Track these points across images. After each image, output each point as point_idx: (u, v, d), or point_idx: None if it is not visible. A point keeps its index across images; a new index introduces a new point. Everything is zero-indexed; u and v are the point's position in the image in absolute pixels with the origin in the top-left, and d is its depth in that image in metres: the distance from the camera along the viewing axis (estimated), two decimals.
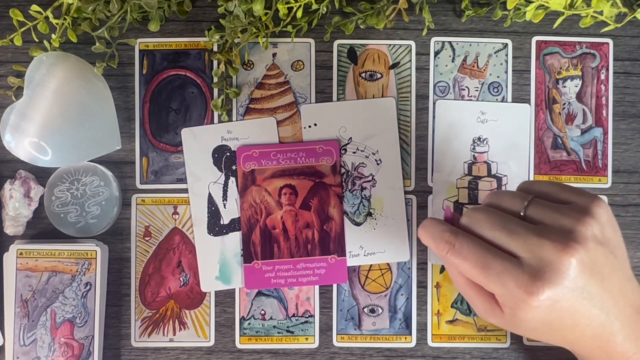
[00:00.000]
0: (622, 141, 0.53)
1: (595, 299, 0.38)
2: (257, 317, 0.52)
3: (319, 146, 0.51)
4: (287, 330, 0.52)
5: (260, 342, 0.52)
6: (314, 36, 0.52)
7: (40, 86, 0.48)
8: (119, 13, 0.49)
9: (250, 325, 0.52)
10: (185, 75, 0.52)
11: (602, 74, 0.53)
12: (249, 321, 0.52)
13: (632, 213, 0.52)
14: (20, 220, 0.51)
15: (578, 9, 0.46)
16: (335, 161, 0.51)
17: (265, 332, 0.52)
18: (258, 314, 0.52)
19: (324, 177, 0.51)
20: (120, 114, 0.52)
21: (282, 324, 0.52)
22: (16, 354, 0.49)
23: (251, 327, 0.52)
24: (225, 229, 0.52)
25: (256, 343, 0.52)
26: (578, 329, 0.39)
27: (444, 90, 0.52)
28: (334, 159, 0.51)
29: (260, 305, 0.52)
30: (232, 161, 0.52)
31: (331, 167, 0.51)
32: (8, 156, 0.50)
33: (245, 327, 0.52)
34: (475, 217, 0.41)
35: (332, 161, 0.51)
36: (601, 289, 0.38)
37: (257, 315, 0.52)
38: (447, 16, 0.53)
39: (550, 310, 0.37)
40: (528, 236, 0.38)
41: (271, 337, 0.52)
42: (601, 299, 0.38)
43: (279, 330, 0.52)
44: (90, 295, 0.50)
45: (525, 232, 0.38)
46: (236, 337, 0.52)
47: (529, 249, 0.38)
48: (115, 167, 0.52)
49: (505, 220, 0.39)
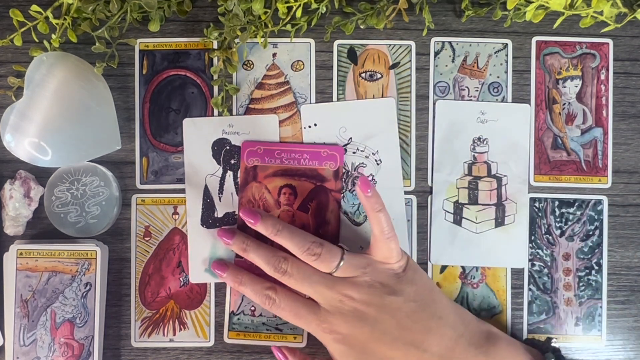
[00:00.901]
0: (622, 141, 0.53)
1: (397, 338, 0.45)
2: (246, 313, 0.52)
3: (324, 150, 0.51)
4: (276, 328, 0.52)
5: (248, 338, 0.52)
6: (314, 36, 0.52)
7: (40, 86, 0.48)
8: (119, 13, 0.49)
9: (239, 321, 0.52)
10: (185, 75, 0.52)
11: (602, 74, 0.53)
12: (239, 316, 0.52)
13: (632, 213, 0.52)
14: (20, 220, 0.51)
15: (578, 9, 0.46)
16: (338, 167, 0.51)
17: (254, 329, 0.52)
18: (248, 309, 0.52)
19: (325, 181, 0.51)
20: (120, 114, 0.52)
21: (272, 321, 0.52)
22: (16, 354, 0.49)
23: (240, 322, 0.52)
24: (219, 222, 0.52)
25: (244, 339, 0.52)
26: None
27: (444, 91, 0.52)
28: (337, 164, 0.51)
29: (251, 302, 0.52)
30: (231, 155, 0.52)
31: (333, 172, 0.51)
32: (8, 156, 0.50)
33: (234, 322, 0.52)
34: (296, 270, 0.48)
35: (335, 166, 0.51)
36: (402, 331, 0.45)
37: (246, 311, 0.52)
38: (447, 16, 0.53)
39: (341, 344, 0.46)
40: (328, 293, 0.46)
41: (259, 334, 0.52)
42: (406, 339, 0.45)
43: (268, 328, 0.52)
44: (90, 295, 0.50)
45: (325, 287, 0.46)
46: (225, 332, 0.52)
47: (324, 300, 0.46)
48: (115, 167, 0.52)
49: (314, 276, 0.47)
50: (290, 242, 0.47)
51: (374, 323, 0.45)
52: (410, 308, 0.45)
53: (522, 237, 0.52)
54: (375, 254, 0.47)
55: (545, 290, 0.52)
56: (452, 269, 0.52)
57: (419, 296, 0.46)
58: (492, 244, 0.52)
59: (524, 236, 0.52)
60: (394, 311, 0.45)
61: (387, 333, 0.45)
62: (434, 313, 0.46)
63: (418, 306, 0.46)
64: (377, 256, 0.47)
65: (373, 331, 0.45)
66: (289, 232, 0.47)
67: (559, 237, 0.52)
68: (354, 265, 0.46)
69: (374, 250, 0.47)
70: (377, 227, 0.46)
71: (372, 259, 0.47)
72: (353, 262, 0.47)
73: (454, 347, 0.45)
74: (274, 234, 0.47)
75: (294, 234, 0.47)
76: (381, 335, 0.45)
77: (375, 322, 0.45)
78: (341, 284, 0.46)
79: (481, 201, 0.52)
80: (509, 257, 0.52)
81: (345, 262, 0.46)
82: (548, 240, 0.52)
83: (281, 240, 0.47)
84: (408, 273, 0.47)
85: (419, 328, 0.45)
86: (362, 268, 0.46)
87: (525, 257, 0.52)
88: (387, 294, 0.45)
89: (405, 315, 0.45)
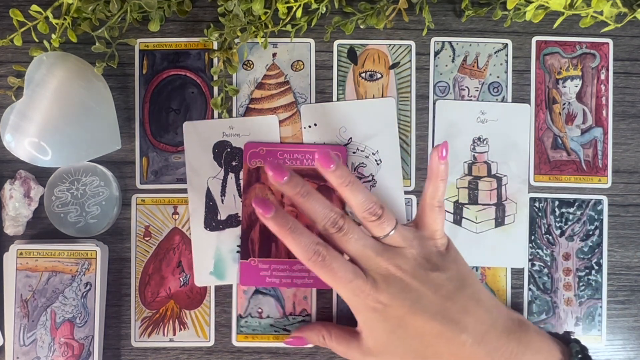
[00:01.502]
0: (622, 141, 0.53)
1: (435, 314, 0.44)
2: (254, 315, 0.52)
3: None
4: (284, 329, 0.52)
5: (257, 340, 0.52)
6: (314, 36, 0.52)
7: (40, 86, 0.48)
8: (119, 13, 0.49)
9: (247, 323, 0.52)
10: (185, 75, 0.52)
11: (602, 74, 0.53)
12: (246, 319, 0.52)
13: (632, 213, 0.52)
14: (20, 220, 0.51)
15: (578, 9, 0.46)
16: None
17: (262, 331, 0.52)
18: (255, 312, 0.52)
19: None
20: (120, 114, 0.52)
21: (279, 322, 0.52)
22: (16, 354, 0.49)
23: (248, 325, 0.52)
24: (222, 224, 0.52)
25: (253, 341, 0.52)
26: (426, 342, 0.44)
27: (444, 90, 0.52)
28: None
29: (258, 304, 0.52)
30: (232, 157, 0.52)
31: None
32: (8, 156, 0.50)
33: (242, 325, 0.52)
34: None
35: None
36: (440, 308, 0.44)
37: (254, 313, 0.52)
38: (447, 16, 0.53)
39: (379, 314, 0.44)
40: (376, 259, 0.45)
41: (268, 336, 0.52)
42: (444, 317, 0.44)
43: (276, 329, 0.52)
44: (90, 295, 0.50)
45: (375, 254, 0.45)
46: (233, 335, 0.52)
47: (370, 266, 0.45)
48: (115, 167, 0.52)
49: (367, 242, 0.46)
50: (355, 198, 0.46)
51: (416, 297, 0.44)
52: (452, 287, 0.45)
53: (522, 237, 0.52)
54: (421, 227, 0.47)
55: (545, 290, 0.52)
56: None
57: (459, 276, 0.46)
58: (492, 244, 0.52)
59: (524, 236, 0.52)
60: (436, 287, 0.45)
61: (427, 308, 0.44)
62: (472, 295, 0.45)
63: (458, 286, 0.45)
64: (424, 230, 0.47)
65: (414, 304, 0.44)
66: (357, 186, 0.46)
67: (559, 237, 0.52)
68: (404, 236, 0.46)
69: (420, 222, 0.47)
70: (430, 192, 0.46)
71: (419, 233, 0.47)
72: (403, 232, 0.46)
73: (489, 330, 0.44)
74: (345, 185, 0.46)
75: (360, 190, 0.46)
76: (421, 309, 0.44)
77: (418, 296, 0.44)
78: (390, 252, 0.45)
79: (481, 201, 0.52)
80: (509, 257, 0.52)
81: (396, 231, 0.46)
82: (548, 240, 0.52)
83: (347, 193, 0.46)
84: (451, 252, 0.47)
85: (457, 308, 0.44)
86: (410, 240, 0.46)
87: (525, 257, 0.52)
88: (432, 270, 0.45)
89: (446, 293, 0.45)
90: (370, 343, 0.46)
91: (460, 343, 0.44)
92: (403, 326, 0.44)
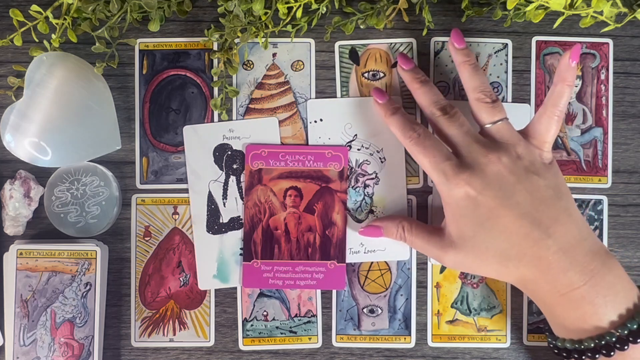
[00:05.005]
0: (622, 141, 0.53)
1: (526, 214, 0.43)
2: (259, 319, 0.52)
3: (328, 151, 0.51)
4: (290, 331, 0.52)
5: (263, 344, 0.52)
6: (314, 36, 0.52)
7: (40, 86, 0.48)
8: (119, 13, 0.49)
9: (253, 327, 0.52)
10: (185, 75, 0.52)
11: (602, 74, 0.53)
12: (252, 322, 0.52)
13: (632, 213, 0.52)
14: (20, 220, 0.51)
15: (578, 9, 0.46)
16: (343, 167, 0.51)
17: (268, 333, 0.52)
18: (260, 315, 0.52)
19: (331, 182, 0.51)
20: (120, 114, 0.52)
21: (285, 324, 0.52)
22: (16, 354, 0.49)
23: (254, 328, 0.52)
24: (225, 227, 0.52)
25: (259, 344, 0.52)
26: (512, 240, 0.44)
27: (444, 90, 0.52)
28: (341, 164, 0.51)
29: (263, 307, 0.52)
30: (233, 160, 0.52)
31: (338, 173, 0.51)
32: (8, 156, 0.50)
33: (248, 328, 0.52)
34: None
35: (339, 167, 0.51)
36: (533, 209, 0.44)
37: (259, 316, 0.52)
38: (447, 16, 0.53)
39: (470, 201, 0.44)
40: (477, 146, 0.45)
41: (274, 338, 0.52)
42: (534, 219, 0.43)
43: (282, 331, 0.52)
44: (90, 295, 0.50)
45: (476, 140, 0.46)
46: (239, 339, 0.52)
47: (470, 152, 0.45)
48: (115, 167, 0.52)
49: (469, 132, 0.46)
50: (472, 83, 0.47)
51: (511, 192, 0.44)
52: (548, 194, 0.44)
53: None
54: (531, 135, 0.47)
55: None
56: (452, 269, 0.52)
57: (557, 188, 0.45)
58: None
59: None
60: (533, 189, 0.44)
61: (519, 205, 0.44)
62: (566, 208, 0.45)
63: (555, 195, 0.45)
64: (533, 139, 0.46)
65: (507, 198, 0.44)
66: (478, 69, 0.48)
67: None
68: (512, 132, 0.46)
69: (531, 129, 0.47)
70: (553, 98, 0.46)
71: (527, 140, 0.46)
72: (512, 129, 0.46)
73: (576, 245, 0.44)
74: (469, 64, 0.47)
75: (480, 75, 0.47)
76: (513, 205, 0.44)
77: (513, 192, 0.44)
78: (493, 143, 0.46)
79: None
80: None
81: (506, 123, 0.46)
82: None
83: (468, 75, 0.47)
84: (554, 167, 0.46)
85: (549, 214, 0.44)
86: (516, 139, 0.46)
87: None
88: (532, 173, 0.45)
89: (542, 198, 0.44)
90: (454, 235, 0.45)
91: (546, 247, 0.43)
92: (493, 219, 0.44)
